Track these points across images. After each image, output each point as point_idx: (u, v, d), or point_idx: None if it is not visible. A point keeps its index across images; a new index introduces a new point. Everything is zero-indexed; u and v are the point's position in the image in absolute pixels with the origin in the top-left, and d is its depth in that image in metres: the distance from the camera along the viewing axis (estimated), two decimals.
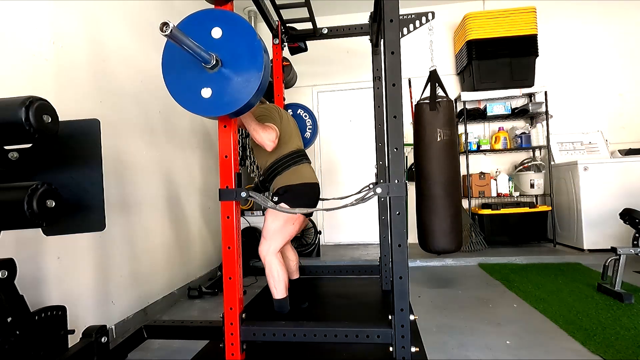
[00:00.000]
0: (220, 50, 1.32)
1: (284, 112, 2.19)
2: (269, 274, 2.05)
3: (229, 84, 1.31)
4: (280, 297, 2.06)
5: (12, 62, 1.51)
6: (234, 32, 1.33)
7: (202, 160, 3.25)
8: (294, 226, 2.10)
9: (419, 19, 2.41)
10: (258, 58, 1.31)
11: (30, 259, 1.52)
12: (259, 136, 1.84)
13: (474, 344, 1.77)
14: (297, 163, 2.08)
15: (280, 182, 2.05)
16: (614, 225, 3.19)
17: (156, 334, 1.80)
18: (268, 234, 2.05)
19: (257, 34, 1.34)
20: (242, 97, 1.31)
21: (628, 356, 1.58)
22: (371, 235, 4.31)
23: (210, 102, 1.33)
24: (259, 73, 1.30)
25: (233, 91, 1.31)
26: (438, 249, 2.46)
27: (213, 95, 1.32)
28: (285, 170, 2.05)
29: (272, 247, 2.04)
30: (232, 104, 1.32)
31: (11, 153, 1.14)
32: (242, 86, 1.31)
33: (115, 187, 2.06)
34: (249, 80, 1.30)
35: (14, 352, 1.08)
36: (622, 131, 4.05)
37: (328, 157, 4.49)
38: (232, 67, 1.32)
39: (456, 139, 2.52)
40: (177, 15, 2.85)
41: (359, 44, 3.75)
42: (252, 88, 1.31)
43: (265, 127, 1.87)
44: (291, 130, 2.15)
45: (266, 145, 1.86)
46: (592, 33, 4.12)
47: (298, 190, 2.03)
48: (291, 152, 2.08)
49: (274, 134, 1.87)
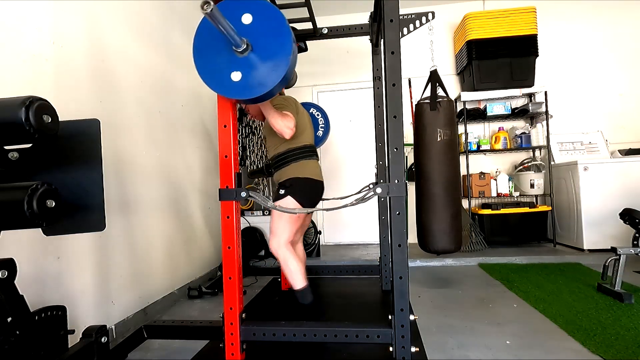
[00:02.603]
0: (250, 36, 1.35)
1: (300, 105, 2.20)
2: (285, 267, 2.03)
3: (257, 68, 1.35)
4: (300, 287, 2.02)
5: (12, 62, 1.51)
6: (264, 18, 1.37)
7: (202, 160, 3.25)
8: (300, 219, 2.09)
9: (419, 19, 2.41)
10: (287, 43, 1.34)
11: (30, 259, 1.52)
12: (277, 123, 1.84)
13: (474, 344, 1.77)
14: (306, 158, 2.08)
15: (287, 174, 2.04)
16: (614, 225, 3.19)
17: (156, 334, 1.80)
18: (275, 229, 2.04)
19: (286, 20, 1.37)
20: (271, 81, 1.35)
21: (628, 356, 1.58)
22: (371, 235, 4.31)
23: (239, 85, 1.36)
24: (287, 58, 1.33)
25: (261, 75, 1.35)
26: (438, 249, 2.46)
27: (242, 79, 1.36)
28: (294, 163, 2.04)
29: (281, 240, 2.02)
30: (260, 87, 1.35)
31: (11, 153, 1.14)
32: (271, 71, 1.34)
33: (115, 187, 2.06)
34: (277, 65, 1.34)
35: (14, 352, 1.08)
36: (622, 131, 4.05)
37: (328, 157, 4.48)
38: (261, 52, 1.36)
39: (456, 139, 2.52)
40: (177, 16, 2.86)
41: (359, 44, 3.75)
42: (280, 72, 1.34)
43: (283, 115, 1.88)
44: (305, 124, 2.14)
45: (284, 132, 1.86)
46: (592, 33, 4.12)
47: (303, 184, 2.03)
48: (303, 146, 2.08)
49: (292, 122, 1.88)
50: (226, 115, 1.55)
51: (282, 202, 1.98)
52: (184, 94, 2.94)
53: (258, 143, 3.73)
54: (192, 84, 3.04)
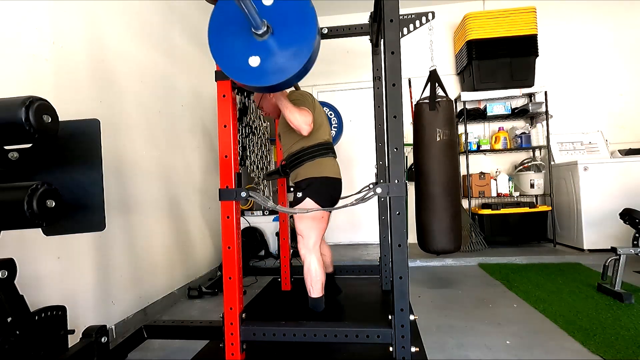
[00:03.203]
0: (271, 18, 1.24)
1: (317, 102, 2.13)
2: (307, 272, 2.00)
3: (277, 53, 1.24)
4: (316, 296, 2.01)
5: (12, 62, 1.51)
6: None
7: (202, 160, 3.25)
8: (324, 219, 2.05)
9: (419, 19, 2.41)
10: (311, 28, 1.23)
11: (30, 259, 1.52)
12: (295, 119, 1.79)
13: (474, 344, 1.77)
14: (323, 155, 2.01)
15: (303, 173, 1.99)
16: (614, 225, 3.19)
17: (156, 334, 1.80)
18: (303, 232, 2.00)
19: (311, 1, 1.25)
20: (291, 68, 1.23)
21: (628, 356, 1.58)
22: (371, 235, 4.32)
23: (257, 71, 1.25)
24: (311, 43, 1.22)
25: (281, 61, 1.24)
26: (438, 249, 2.46)
27: (261, 64, 1.25)
28: (309, 161, 1.98)
29: (310, 243, 2.00)
30: (280, 74, 1.24)
31: (11, 153, 1.14)
32: (292, 57, 1.23)
33: (115, 187, 2.06)
34: (299, 51, 1.23)
35: (14, 352, 1.08)
36: (622, 131, 4.05)
37: None
38: (283, 35, 1.24)
39: (456, 139, 2.52)
40: (177, 15, 2.85)
41: (359, 44, 3.74)
42: (302, 59, 1.23)
43: (301, 110, 1.82)
44: (322, 120, 2.07)
45: (302, 128, 1.81)
46: (592, 33, 4.12)
47: (320, 184, 1.97)
48: (319, 143, 2.01)
49: (310, 118, 1.83)
50: (226, 115, 1.55)
51: (302, 206, 1.94)
52: (184, 94, 2.94)
53: (258, 143, 3.73)
54: (192, 84, 3.04)
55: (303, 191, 1.97)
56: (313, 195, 1.95)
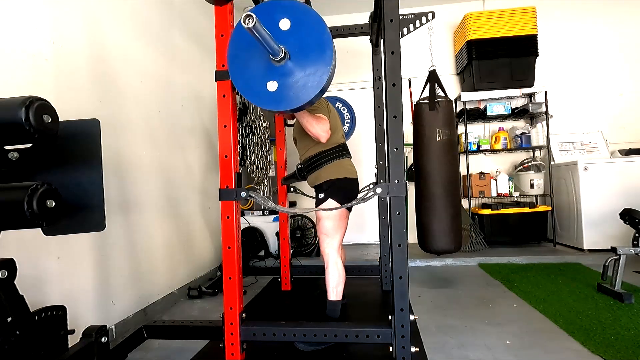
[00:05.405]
0: (288, 43, 1.27)
1: (330, 105, 2.15)
2: (331, 275, 1.98)
3: (295, 78, 1.27)
4: (336, 299, 1.99)
5: (12, 62, 1.51)
6: (304, 24, 1.27)
7: (202, 160, 3.25)
8: (346, 220, 2.07)
9: (419, 19, 2.41)
10: (327, 53, 1.25)
11: (30, 259, 1.52)
12: (313, 128, 1.81)
13: (474, 344, 1.77)
14: (341, 157, 2.05)
15: (323, 176, 2.01)
16: (614, 225, 3.18)
17: (156, 334, 1.80)
18: (328, 232, 2.00)
19: (327, 26, 1.28)
20: (308, 93, 1.26)
21: (628, 356, 1.58)
22: (371, 235, 4.31)
23: (275, 95, 1.28)
24: (328, 68, 1.25)
25: (299, 85, 1.26)
26: (438, 249, 2.46)
27: (279, 89, 1.28)
28: (328, 164, 2.01)
29: (335, 244, 2.01)
30: (298, 99, 1.27)
31: (11, 153, 1.14)
32: (309, 80, 1.26)
33: (115, 187, 2.06)
34: (316, 75, 1.25)
35: (14, 352, 1.08)
36: (622, 131, 4.05)
37: None
38: (300, 60, 1.27)
39: (455, 139, 2.52)
40: (177, 16, 2.85)
41: (359, 44, 3.75)
42: (319, 83, 1.25)
43: (318, 119, 1.84)
44: (337, 123, 2.10)
45: (321, 137, 1.84)
46: (592, 33, 4.12)
47: (341, 185, 2.00)
48: (336, 146, 2.04)
49: (327, 125, 1.86)
50: (226, 115, 1.56)
51: (325, 206, 1.95)
52: (184, 94, 2.94)
53: (258, 143, 3.73)
54: (192, 84, 3.04)
55: (325, 192, 1.99)
56: (334, 195, 1.97)
